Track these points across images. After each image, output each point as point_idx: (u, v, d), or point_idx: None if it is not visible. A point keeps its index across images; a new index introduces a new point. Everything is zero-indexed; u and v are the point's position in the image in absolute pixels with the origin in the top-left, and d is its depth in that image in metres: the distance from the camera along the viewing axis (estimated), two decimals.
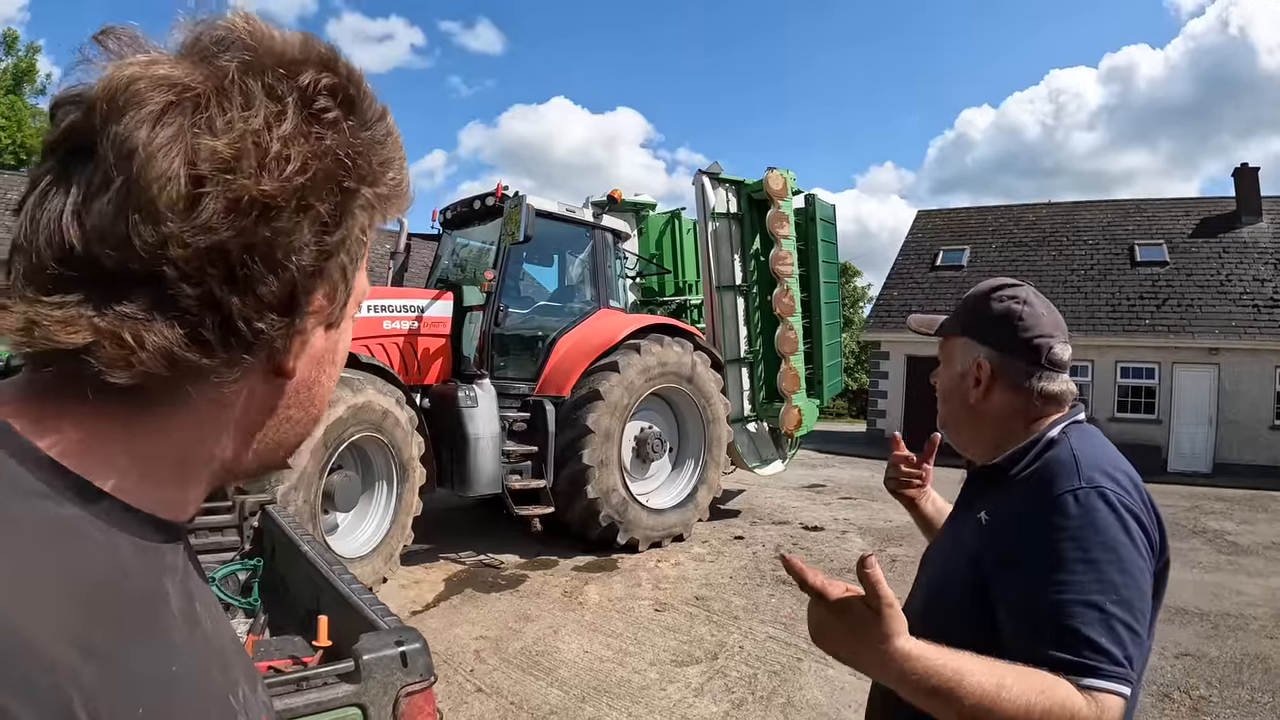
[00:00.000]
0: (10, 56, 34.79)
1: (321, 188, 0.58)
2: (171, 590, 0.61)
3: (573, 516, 8.76)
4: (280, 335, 0.60)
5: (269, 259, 0.56)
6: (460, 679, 5.38)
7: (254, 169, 0.55)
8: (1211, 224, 23.44)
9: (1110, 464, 1.51)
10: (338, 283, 0.64)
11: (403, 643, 1.98)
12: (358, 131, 0.62)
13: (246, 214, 0.54)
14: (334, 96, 0.61)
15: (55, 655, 0.47)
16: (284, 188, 0.56)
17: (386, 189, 0.66)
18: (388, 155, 0.66)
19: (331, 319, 0.67)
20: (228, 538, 3.79)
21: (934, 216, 29.42)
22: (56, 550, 0.52)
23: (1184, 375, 21.18)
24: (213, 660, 0.64)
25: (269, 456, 0.70)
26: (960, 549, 1.63)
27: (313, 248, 0.59)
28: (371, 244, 0.71)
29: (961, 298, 1.80)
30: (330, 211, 0.60)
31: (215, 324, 0.55)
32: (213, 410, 0.61)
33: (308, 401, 0.69)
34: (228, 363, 0.57)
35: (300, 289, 0.60)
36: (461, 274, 9.94)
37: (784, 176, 10.84)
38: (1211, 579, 8.63)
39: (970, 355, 1.69)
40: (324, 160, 0.59)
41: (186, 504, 0.64)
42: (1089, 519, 1.40)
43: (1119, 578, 1.36)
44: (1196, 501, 15.01)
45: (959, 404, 1.72)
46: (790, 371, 10.77)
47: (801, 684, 5.50)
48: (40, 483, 0.53)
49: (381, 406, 7.11)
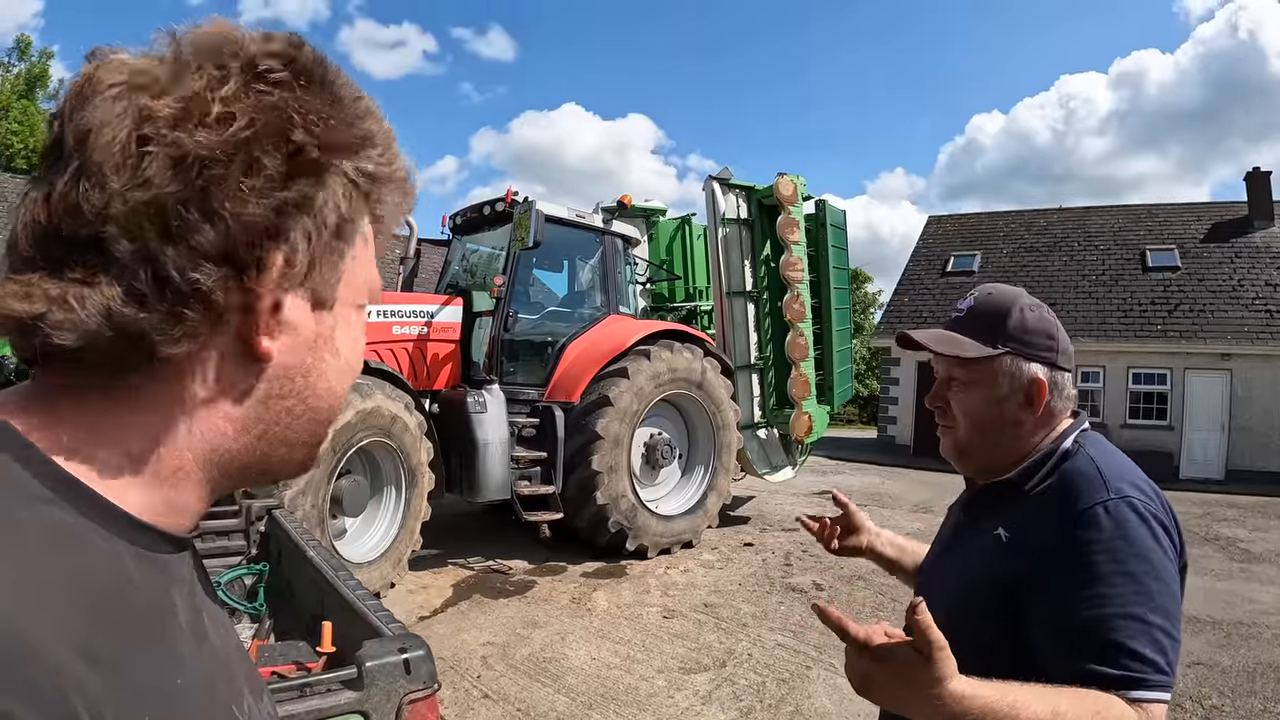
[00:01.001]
0: (23, 62, 35.07)
1: (265, 140, 0.58)
2: (179, 602, 0.61)
3: (582, 523, 8.75)
4: (221, 288, 0.57)
5: (204, 208, 0.56)
6: (467, 685, 5.36)
7: (195, 125, 0.56)
8: (1223, 229, 23.32)
9: (1132, 473, 1.50)
10: (299, 245, 0.61)
11: (406, 650, 1.97)
12: (316, 96, 0.62)
13: (187, 167, 0.55)
14: (282, 60, 0.61)
15: (60, 661, 0.47)
16: (224, 140, 0.56)
17: (374, 166, 0.66)
18: (366, 131, 0.66)
19: (317, 296, 0.65)
20: (234, 542, 3.79)
21: (945, 222, 29.39)
22: (61, 557, 0.52)
23: (1196, 381, 21.05)
24: (218, 673, 0.64)
25: (276, 456, 0.68)
26: (976, 569, 1.59)
27: (259, 200, 0.58)
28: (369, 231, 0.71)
29: (973, 311, 1.67)
30: (279, 166, 0.59)
31: (149, 276, 0.55)
32: (191, 395, 0.61)
33: (306, 392, 0.67)
34: (167, 317, 0.56)
35: (243, 241, 0.58)
36: (471, 279, 9.97)
37: (794, 182, 10.82)
38: (1224, 587, 8.56)
39: (1022, 374, 1.60)
40: (270, 115, 0.59)
41: (187, 509, 0.63)
42: (1121, 530, 1.39)
43: (1155, 585, 1.36)
44: (1209, 508, 14.90)
45: (997, 426, 1.62)
46: (800, 378, 10.74)
47: (810, 692, 5.46)
48: (45, 488, 0.54)
49: (390, 412, 7.11)
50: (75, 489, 0.55)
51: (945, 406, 1.68)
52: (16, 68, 34.87)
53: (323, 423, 0.70)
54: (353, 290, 0.69)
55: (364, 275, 0.71)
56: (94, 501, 0.56)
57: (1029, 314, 1.62)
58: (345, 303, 0.69)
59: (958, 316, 1.68)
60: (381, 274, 0.75)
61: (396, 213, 0.74)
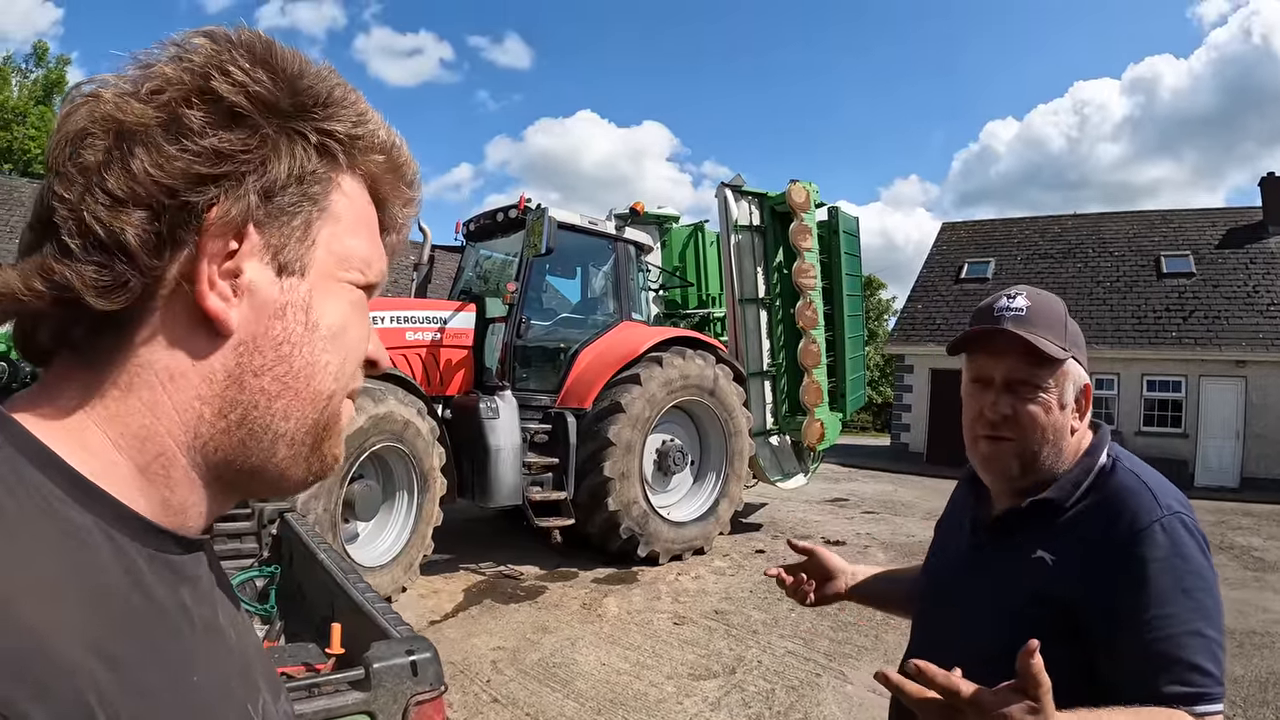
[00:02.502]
0: (41, 68, 35.45)
1: (185, 95, 0.60)
2: (191, 601, 0.61)
3: (593, 529, 8.76)
4: (143, 236, 0.58)
5: (124, 162, 0.58)
6: (477, 689, 5.38)
7: (129, 101, 0.59)
8: (1238, 234, 23.12)
9: (1172, 488, 1.51)
10: (238, 202, 0.61)
11: (413, 651, 1.99)
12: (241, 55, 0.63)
13: (118, 136, 0.59)
14: (209, 36, 0.63)
15: (75, 661, 0.47)
16: (151, 108, 0.59)
17: (342, 127, 0.67)
18: (322, 91, 0.66)
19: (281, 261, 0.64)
20: (246, 544, 3.83)
21: (959, 229, 29.29)
22: (73, 556, 0.52)
23: (1211, 388, 20.88)
24: (234, 672, 0.65)
25: (262, 449, 0.65)
26: (1020, 593, 1.52)
27: (180, 148, 0.59)
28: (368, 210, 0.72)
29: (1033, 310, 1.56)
30: (201, 118, 0.60)
31: (75, 228, 0.58)
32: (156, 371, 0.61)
33: (279, 368, 0.64)
34: (96, 269, 0.57)
35: (161, 187, 0.58)
36: (484, 286, 9.99)
37: (807, 189, 10.81)
38: (1238, 595, 8.48)
39: (1080, 378, 1.57)
40: (192, 74, 0.61)
41: (186, 508, 0.63)
42: (1178, 549, 1.40)
43: (1209, 601, 1.39)
44: (1223, 517, 14.78)
45: (1063, 435, 1.55)
46: (813, 385, 10.72)
47: (819, 699, 5.46)
48: (55, 487, 0.54)
49: (403, 417, 7.14)
50: (85, 489, 0.55)
51: (1011, 414, 1.55)
52: (34, 74, 35.25)
53: (307, 405, 0.66)
54: (334, 259, 0.68)
55: (353, 246, 0.69)
56: (104, 501, 0.56)
57: (1072, 320, 1.60)
58: (324, 273, 0.67)
59: (1017, 314, 1.55)
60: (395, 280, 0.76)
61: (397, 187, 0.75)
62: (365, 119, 0.69)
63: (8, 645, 0.45)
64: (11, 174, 26.11)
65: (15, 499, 0.51)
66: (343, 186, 0.68)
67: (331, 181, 0.67)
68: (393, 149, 0.72)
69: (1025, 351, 1.52)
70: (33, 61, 35.43)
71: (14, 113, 32.91)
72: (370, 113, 0.70)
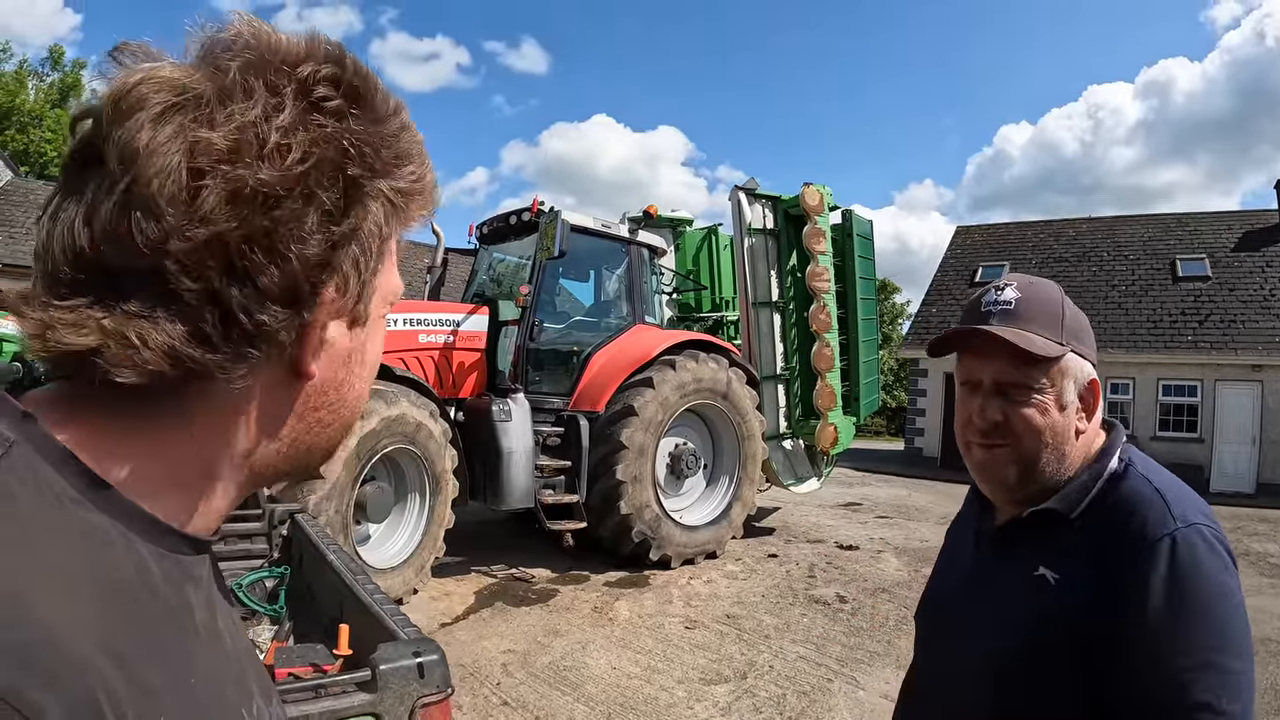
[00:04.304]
0: (57, 72, 35.82)
1: (324, 175, 0.58)
2: (195, 602, 0.62)
3: (605, 532, 8.74)
4: (285, 328, 0.58)
5: (269, 249, 0.56)
6: (487, 692, 5.37)
7: (253, 159, 0.55)
8: (1254, 237, 22.94)
9: (1191, 495, 1.35)
10: (349, 275, 0.62)
11: (420, 653, 1.97)
12: (364, 121, 0.62)
13: (246, 204, 0.54)
14: (335, 86, 0.60)
15: (85, 656, 0.48)
16: (284, 176, 0.56)
17: (405, 184, 0.66)
18: (403, 149, 0.65)
19: (354, 315, 0.66)
20: (256, 545, 3.82)
21: (973, 233, 29.20)
22: (85, 554, 0.52)
23: (1227, 393, 20.71)
24: (230, 674, 0.65)
25: (301, 461, 0.69)
26: (1021, 612, 1.41)
27: (317, 237, 0.58)
28: (399, 243, 0.71)
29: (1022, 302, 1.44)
30: (335, 200, 0.59)
31: (216, 318, 0.55)
32: (232, 412, 0.61)
33: (338, 403, 0.68)
34: (233, 358, 0.56)
35: (304, 280, 0.58)
36: (497, 289, 10.00)
37: (820, 192, 10.79)
38: (1253, 603, 8.29)
39: (1083, 376, 1.42)
40: (325, 148, 0.58)
41: (210, 514, 0.63)
42: (1194, 567, 1.24)
43: (1232, 626, 1.24)
44: (1239, 522, 14.65)
45: (1065, 438, 1.42)
46: (826, 389, 10.69)
47: (831, 705, 5.42)
48: (71, 487, 0.54)
49: (415, 419, 7.15)
50: (100, 490, 0.55)
51: (1002, 420, 1.43)
52: (50, 77, 35.62)
53: (348, 427, 0.71)
54: (381, 299, 0.70)
55: (392, 283, 0.71)
56: (118, 503, 0.56)
57: (1073, 307, 1.47)
58: (375, 315, 0.70)
59: (1005, 309, 1.44)
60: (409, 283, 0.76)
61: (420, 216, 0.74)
62: (426, 169, 0.69)
63: (21, 638, 0.45)
64: (28, 177, 26.33)
65: (30, 496, 0.52)
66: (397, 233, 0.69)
67: (395, 234, 0.68)
68: (433, 190, 0.72)
69: (1013, 351, 1.38)
70: (49, 65, 35.83)
71: (30, 116, 33.26)
72: (428, 158, 0.70)
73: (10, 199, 21.00)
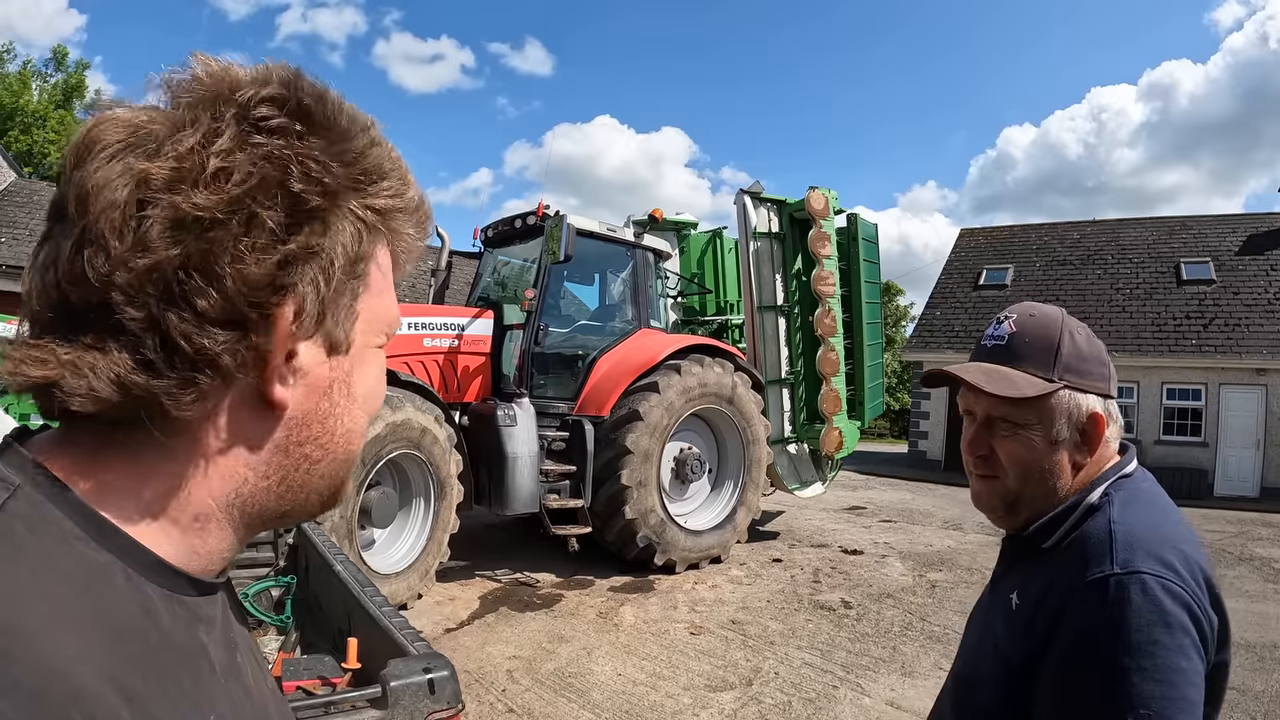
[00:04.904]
0: (60, 72, 35.88)
1: (264, 194, 0.57)
2: (208, 641, 0.62)
3: (610, 537, 8.75)
4: (228, 351, 0.57)
5: (205, 271, 0.55)
6: (492, 699, 5.36)
7: (189, 185, 0.55)
8: (1258, 240, 22.86)
9: (1156, 542, 1.27)
10: (306, 295, 0.60)
11: (431, 670, 1.97)
12: (316, 137, 0.61)
13: (186, 229, 0.55)
14: (279, 106, 0.60)
15: (96, 693, 0.48)
16: (220, 199, 0.55)
17: (383, 201, 0.65)
18: (371, 165, 0.64)
19: (331, 341, 0.64)
20: (262, 554, 3.82)
21: (977, 235, 29.16)
22: (92, 594, 0.53)
23: (1231, 397, 20.61)
24: (251, 712, 0.65)
25: (297, 502, 0.67)
26: (988, 639, 1.44)
27: (258, 256, 0.57)
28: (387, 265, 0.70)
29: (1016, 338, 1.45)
30: (279, 219, 0.58)
31: (157, 344, 0.55)
32: (210, 443, 0.60)
33: (323, 438, 0.66)
34: (179, 384, 0.56)
35: (244, 301, 0.57)
36: (502, 292, 10.02)
37: (826, 196, 10.79)
38: (1258, 608, 8.37)
39: (1080, 410, 1.40)
40: (265, 166, 0.58)
41: (207, 555, 0.63)
42: (1118, 616, 1.18)
43: (1149, 689, 1.15)
44: (1243, 527, 14.59)
45: (1054, 473, 1.41)
46: (831, 393, 10.69)
47: (837, 712, 5.40)
48: (76, 526, 0.54)
49: (420, 424, 7.15)
50: (104, 530, 0.56)
51: (988, 453, 1.46)
52: (54, 78, 35.68)
53: (342, 464, 0.69)
54: (370, 328, 0.68)
55: (381, 311, 0.69)
56: (122, 542, 0.56)
57: (1078, 337, 1.44)
58: (362, 343, 0.68)
59: (998, 345, 1.46)
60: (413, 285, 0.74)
61: (414, 242, 0.73)
62: (406, 186, 0.68)
63: (29, 674, 0.46)
64: (31, 177, 26.37)
65: (36, 536, 0.52)
66: (377, 255, 0.68)
67: (373, 256, 0.67)
68: (419, 208, 0.71)
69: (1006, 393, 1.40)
70: (52, 66, 35.90)
71: (34, 117, 33.31)
72: (408, 175, 0.69)
73: (14, 200, 20.95)
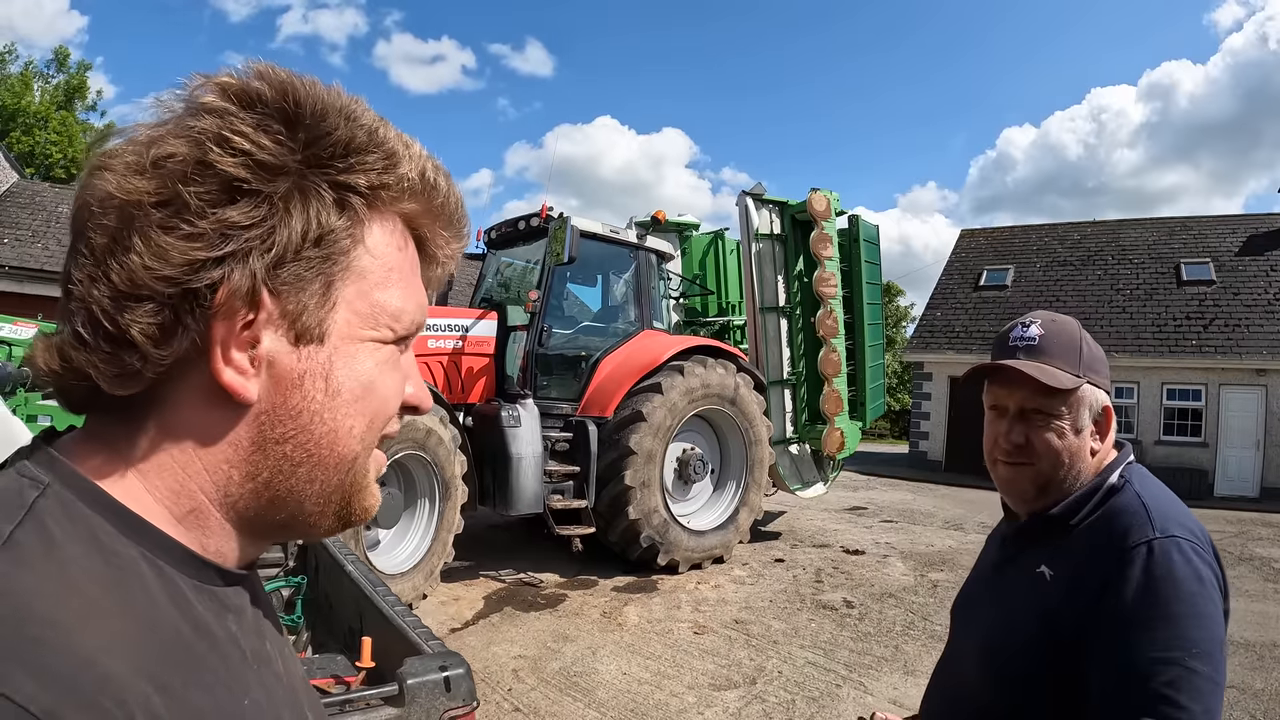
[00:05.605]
0: (62, 73, 35.89)
1: (192, 173, 0.57)
2: (238, 630, 0.63)
3: (613, 537, 8.78)
4: (148, 325, 0.56)
5: (126, 247, 0.56)
6: (498, 698, 5.39)
7: (134, 175, 0.58)
8: (1258, 241, 22.81)
9: (1179, 512, 1.49)
10: (234, 274, 0.57)
11: (446, 668, 2.00)
12: (263, 114, 0.60)
13: (125, 213, 0.57)
14: (223, 91, 0.60)
15: (127, 681, 0.49)
16: (153, 184, 0.57)
17: (368, 177, 0.63)
18: (340, 140, 0.62)
19: (298, 330, 0.62)
20: (272, 553, 3.84)
21: (977, 236, 29.13)
22: (121, 584, 0.54)
23: (1231, 397, 20.57)
24: (284, 700, 0.66)
25: (289, 510, 0.66)
26: (1018, 605, 1.57)
27: (179, 238, 0.56)
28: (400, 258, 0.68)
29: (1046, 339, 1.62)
30: (206, 197, 0.57)
31: (84, 319, 0.57)
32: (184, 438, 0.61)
33: (299, 435, 0.63)
34: (106, 359, 0.57)
35: (166, 280, 0.56)
36: (506, 294, 10.04)
37: (827, 197, 10.80)
38: (1258, 608, 8.39)
39: (1097, 403, 1.60)
40: (193, 146, 0.58)
41: (221, 553, 0.64)
42: (1165, 572, 1.37)
43: (1197, 632, 1.33)
44: (1244, 527, 14.60)
45: (1079, 458, 1.59)
46: (833, 394, 10.71)
47: (840, 711, 5.43)
48: (106, 522, 0.56)
49: (425, 425, 7.17)
50: (131, 523, 0.58)
51: (1025, 442, 1.61)
52: (56, 79, 35.68)
53: (332, 471, 0.66)
54: (359, 318, 0.65)
55: (381, 302, 0.66)
56: (150, 534, 0.58)
57: (1091, 342, 1.64)
58: (347, 335, 0.64)
59: (1029, 344, 1.63)
60: None
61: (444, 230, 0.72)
62: (395, 163, 0.65)
63: (61, 662, 0.47)
64: (34, 178, 26.35)
65: (66, 532, 0.54)
66: (368, 240, 0.65)
67: (354, 238, 0.64)
68: (429, 190, 0.68)
69: (1036, 383, 1.56)
70: (54, 67, 35.90)
71: (36, 117, 33.31)
72: (402, 154, 0.65)
73: (15, 201, 20.92)
